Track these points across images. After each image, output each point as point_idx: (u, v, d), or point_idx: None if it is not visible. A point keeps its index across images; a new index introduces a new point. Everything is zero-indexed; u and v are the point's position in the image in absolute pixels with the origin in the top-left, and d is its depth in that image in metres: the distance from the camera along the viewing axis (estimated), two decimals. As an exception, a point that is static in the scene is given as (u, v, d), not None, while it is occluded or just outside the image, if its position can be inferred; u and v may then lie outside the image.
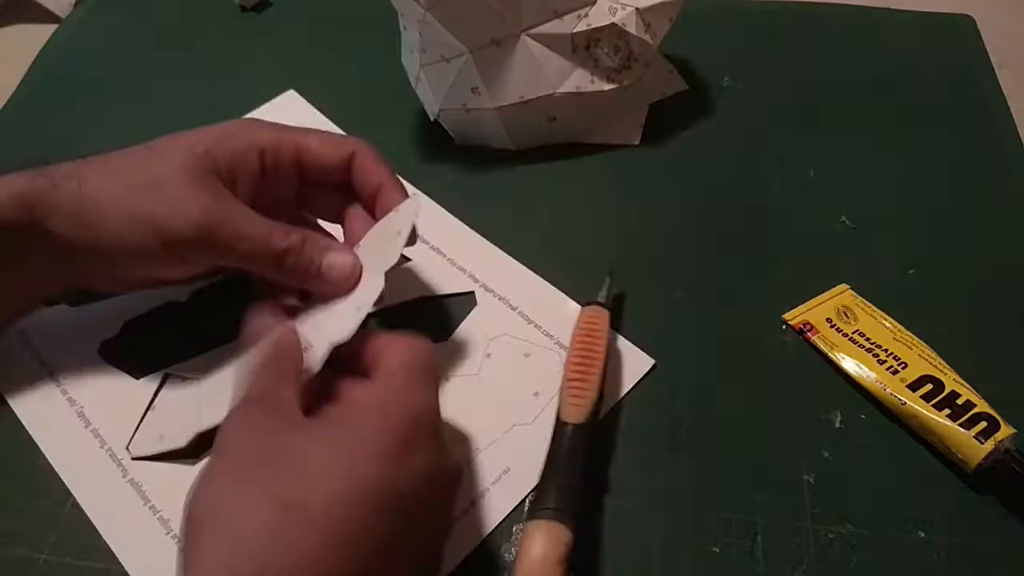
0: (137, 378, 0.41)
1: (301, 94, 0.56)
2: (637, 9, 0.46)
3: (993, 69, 0.56)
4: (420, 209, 0.37)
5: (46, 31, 0.61)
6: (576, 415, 0.36)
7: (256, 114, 0.54)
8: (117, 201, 0.35)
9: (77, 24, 0.62)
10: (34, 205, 0.35)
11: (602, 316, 0.40)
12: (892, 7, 0.61)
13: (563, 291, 0.44)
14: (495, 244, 0.47)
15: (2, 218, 0.34)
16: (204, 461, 0.33)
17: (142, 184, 0.35)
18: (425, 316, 0.44)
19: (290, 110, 0.55)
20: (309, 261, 0.36)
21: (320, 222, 0.42)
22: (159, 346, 0.42)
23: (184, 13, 0.63)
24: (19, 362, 0.41)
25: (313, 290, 0.37)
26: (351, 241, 0.39)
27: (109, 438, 0.39)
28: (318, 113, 0.54)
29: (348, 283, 0.36)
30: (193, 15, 0.63)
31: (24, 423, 0.39)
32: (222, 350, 0.41)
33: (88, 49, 0.60)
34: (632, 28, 0.46)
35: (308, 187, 0.40)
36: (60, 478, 0.38)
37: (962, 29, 0.59)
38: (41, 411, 0.40)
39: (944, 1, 0.60)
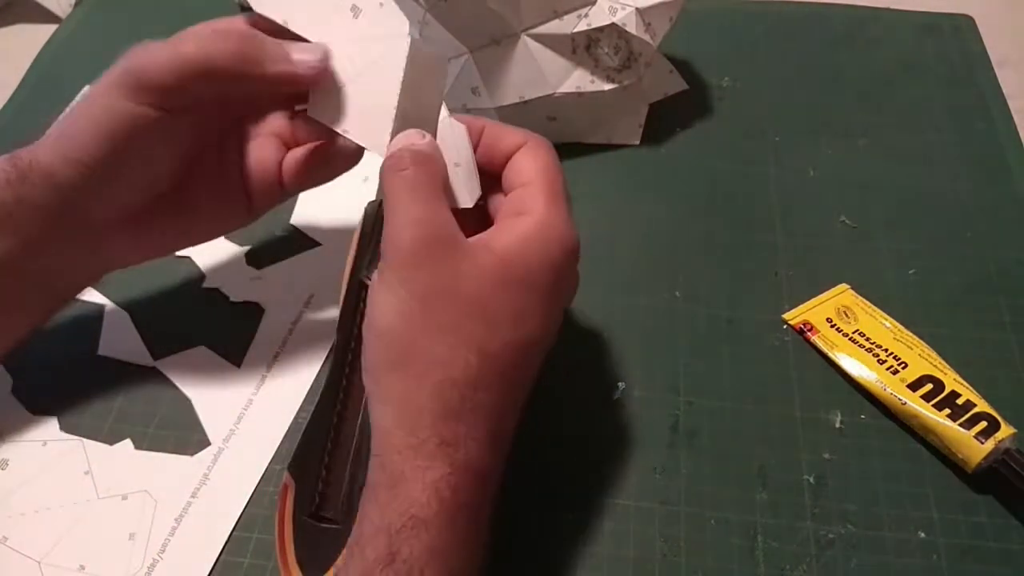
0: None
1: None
2: (637, 9, 0.46)
3: (993, 69, 0.56)
4: None
5: (46, 31, 0.61)
6: None
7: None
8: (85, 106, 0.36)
9: (77, 24, 0.62)
10: (20, 157, 0.37)
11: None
12: (892, 7, 0.61)
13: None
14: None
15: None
16: None
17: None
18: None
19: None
20: (274, 46, 0.35)
21: None
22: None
23: (184, 13, 0.62)
24: None
25: (296, 83, 0.35)
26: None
27: None
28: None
29: (320, 62, 0.34)
30: (193, 15, 0.62)
31: None
32: None
33: (88, 49, 0.60)
34: (632, 28, 0.46)
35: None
36: None
37: (962, 29, 0.59)
38: None
39: (944, 1, 0.60)
